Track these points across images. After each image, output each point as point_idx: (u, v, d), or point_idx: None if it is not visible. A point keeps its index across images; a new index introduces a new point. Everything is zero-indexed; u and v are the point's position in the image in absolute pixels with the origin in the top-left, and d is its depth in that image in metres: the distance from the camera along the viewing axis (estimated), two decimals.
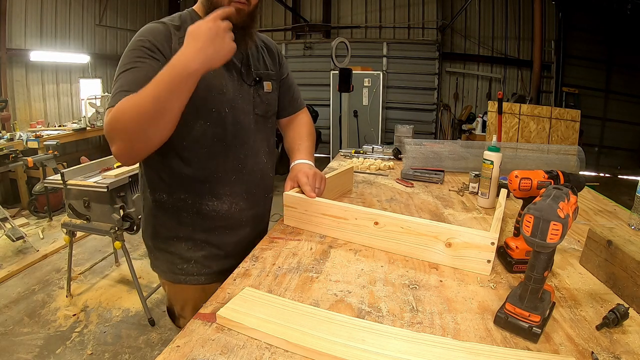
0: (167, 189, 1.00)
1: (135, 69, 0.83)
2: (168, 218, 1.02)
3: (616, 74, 6.09)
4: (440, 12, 6.56)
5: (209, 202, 1.01)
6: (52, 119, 5.33)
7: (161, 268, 1.08)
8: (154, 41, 0.87)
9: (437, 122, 6.91)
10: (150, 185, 1.03)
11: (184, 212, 1.01)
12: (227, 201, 1.03)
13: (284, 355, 0.56)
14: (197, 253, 1.04)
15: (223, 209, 1.03)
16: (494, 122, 3.85)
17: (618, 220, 1.16)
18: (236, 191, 1.04)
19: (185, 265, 1.04)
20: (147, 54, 0.85)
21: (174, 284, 1.07)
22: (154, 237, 1.07)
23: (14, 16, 4.69)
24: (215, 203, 1.02)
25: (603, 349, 0.57)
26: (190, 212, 1.01)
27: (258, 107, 1.07)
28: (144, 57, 0.85)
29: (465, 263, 0.82)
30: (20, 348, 2.07)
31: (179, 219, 1.02)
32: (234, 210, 1.04)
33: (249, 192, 1.07)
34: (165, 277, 1.08)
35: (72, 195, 2.27)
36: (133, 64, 0.84)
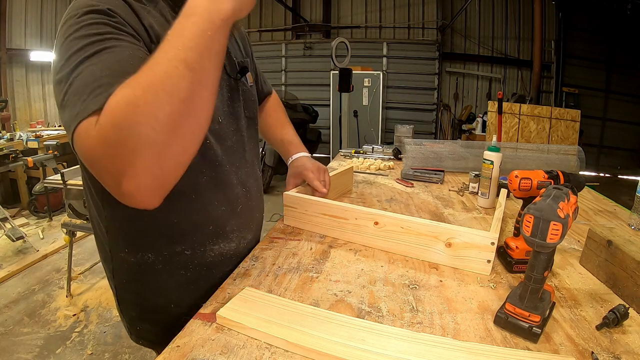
0: (155, 244, 0.73)
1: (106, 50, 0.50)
2: (160, 282, 0.77)
3: (616, 74, 6.10)
4: (440, 12, 6.56)
5: (214, 246, 0.78)
6: (52, 119, 5.34)
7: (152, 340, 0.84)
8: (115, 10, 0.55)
9: (437, 122, 6.91)
10: (125, 243, 0.74)
11: (182, 269, 0.77)
12: (234, 238, 0.82)
13: (284, 355, 0.56)
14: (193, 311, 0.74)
15: (231, 249, 0.82)
16: (494, 122, 3.85)
17: (618, 220, 1.16)
18: (244, 224, 0.83)
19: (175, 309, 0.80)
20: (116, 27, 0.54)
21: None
22: (141, 307, 0.81)
23: (14, 16, 4.69)
24: (222, 245, 0.79)
25: (603, 349, 0.57)
26: (190, 266, 0.77)
27: (247, 107, 0.85)
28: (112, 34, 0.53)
29: (465, 263, 0.82)
30: (20, 348, 2.07)
31: (176, 279, 0.77)
32: (241, 245, 0.84)
33: (254, 218, 0.89)
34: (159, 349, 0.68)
35: (72, 195, 2.27)
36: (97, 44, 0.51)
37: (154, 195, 0.48)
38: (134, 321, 0.83)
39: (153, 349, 0.86)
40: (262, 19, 7.30)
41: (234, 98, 0.80)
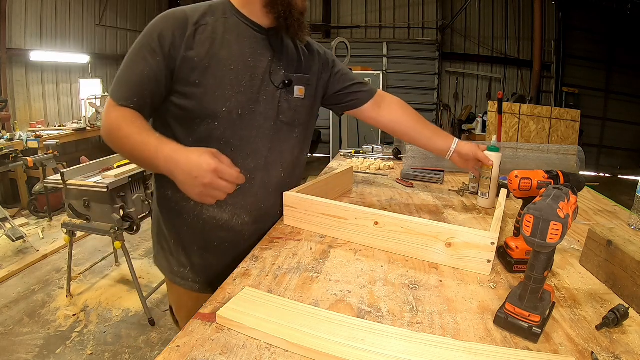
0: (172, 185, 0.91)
1: (134, 65, 0.85)
2: (171, 217, 0.99)
3: (616, 74, 6.10)
4: (440, 12, 6.56)
5: (210, 207, 0.95)
6: (52, 119, 5.33)
7: (162, 265, 1.06)
8: (163, 32, 0.85)
9: (437, 122, 6.91)
10: (157, 178, 1.00)
11: (185, 214, 0.96)
12: (228, 211, 0.96)
13: (284, 355, 0.56)
14: (194, 260, 1.00)
15: (223, 219, 0.96)
16: (494, 122, 3.85)
17: (618, 220, 1.16)
18: (240, 203, 0.96)
19: (182, 269, 1.01)
20: (150, 50, 0.84)
21: (171, 284, 1.06)
22: (157, 233, 1.05)
23: (14, 16, 4.69)
24: (216, 211, 0.95)
25: (603, 349, 0.57)
26: (191, 214, 0.96)
27: (284, 113, 0.97)
28: (146, 54, 0.85)
29: (465, 263, 0.82)
30: (20, 348, 2.07)
31: (181, 220, 0.97)
32: (235, 222, 0.97)
33: (256, 206, 0.99)
34: (164, 274, 1.07)
35: (72, 195, 2.27)
36: (134, 58, 0.86)
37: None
38: (155, 245, 1.07)
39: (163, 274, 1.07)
40: None
41: (268, 101, 0.94)
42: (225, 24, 0.89)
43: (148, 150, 0.79)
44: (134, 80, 0.85)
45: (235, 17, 0.90)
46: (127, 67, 0.86)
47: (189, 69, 0.85)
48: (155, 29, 0.85)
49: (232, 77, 0.88)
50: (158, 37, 0.84)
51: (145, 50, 0.85)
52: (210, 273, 1.01)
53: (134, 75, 0.85)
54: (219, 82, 0.87)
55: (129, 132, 0.82)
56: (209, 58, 0.86)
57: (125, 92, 0.85)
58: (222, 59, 0.87)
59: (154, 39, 0.84)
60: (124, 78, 0.86)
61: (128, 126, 0.82)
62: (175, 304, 1.11)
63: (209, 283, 1.01)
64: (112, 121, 0.84)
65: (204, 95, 0.87)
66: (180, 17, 0.86)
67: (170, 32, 0.84)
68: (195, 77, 0.86)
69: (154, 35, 0.85)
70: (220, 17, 0.89)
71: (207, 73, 0.86)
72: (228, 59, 0.88)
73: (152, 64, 0.84)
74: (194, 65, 0.85)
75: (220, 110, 0.88)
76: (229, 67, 0.87)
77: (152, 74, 0.84)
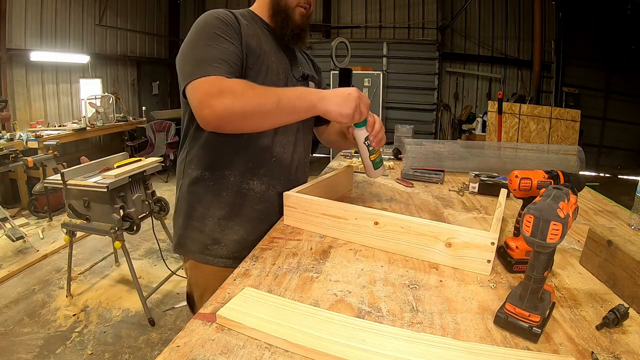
0: (213, 166, 1.03)
1: (216, 43, 0.89)
2: (207, 195, 1.05)
3: (616, 74, 6.10)
4: (440, 12, 6.56)
5: (250, 180, 1.05)
6: (52, 119, 5.33)
7: (189, 247, 1.08)
8: (227, 20, 0.93)
9: (437, 122, 6.91)
10: (194, 161, 1.05)
11: (224, 190, 1.04)
12: (265, 182, 1.06)
13: (284, 355, 0.56)
14: (229, 236, 1.05)
15: (261, 190, 1.06)
16: (494, 122, 3.86)
17: (618, 220, 1.16)
18: (275, 174, 1.08)
19: (215, 247, 1.05)
20: (224, 33, 0.91)
21: (200, 265, 1.07)
22: (188, 215, 1.07)
23: (14, 16, 4.69)
24: (255, 183, 1.05)
25: (603, 349, 0.57)
26: (230, 190, 1.04)
27: None
28: (221, 37, 0.90)
29: (465, 263, 0.82)
30: (20, 348, 2.08)
31: (219, 198, 1.04)
32: (270, 193, 1.08)
33: (287, 178, 1.11)
34: (193, 257, 1.08)
35: (72, 195, 2.27)
36: (212, 38, 0.89)
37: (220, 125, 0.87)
38: (181, 229, 1.09)
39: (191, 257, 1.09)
40: None
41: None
42: (257, 25, 1.04)
43: (300, 98, 0.89)
44: (226, 56, 0.89)
45: (260, 23, 1.06)
46: (210, 50, 0.88)
47: (247, 55, 0.96)
48: (216, 20, 0.92)
49: (273, 67, 1.03)
50: (224, 24, 0.92)
51: (221, 33, 0.90)
52: (244, 247, 1.00)
53: (222, 53, 0.88)
54: (266, 68, 1.01)
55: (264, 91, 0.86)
56: (259, 48, 0.99)
57: (225, 67, 0.88)
58: (267, 51, 1.02)
59: (222, 25, 0.91)
60: (214, 57, 0.87)
61: (253, 88, 0.86)
62: (200, 289, 1.09)
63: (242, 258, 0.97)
64: (238, 83, 0.86)
65: (257, 78, 0.97)
66: (229, 13, 0.97)
67: (230, 21, 0.94)
68: (251, 62, 0.97)
69: (218, 23, 0.92)
70: (251, 21, 1.03)
71: (259, 60, 0.99)
72: (270, 52, 1.03)
73: (234, 44, 0.92)
74: (250, 52, 0.97)
75: None
76: (270, 59, 1.02)
77: (237, 53, 0.92)
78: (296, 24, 1.05)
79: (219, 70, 0.86)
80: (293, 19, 1.05)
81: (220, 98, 0.83)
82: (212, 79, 0.84)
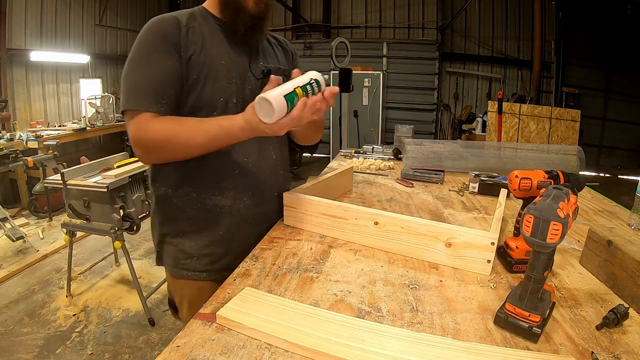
0: (173, 182, 1.01)
1: (151, 64, 0.87)
2: (174, 213, 1.02)
3: (616, 74, 6.09)
4: (440, 12, 6.56)
5: (213, 196, 1.00)
6: (52, 119, 5.33)
7: (166, 261, 1.07)
8: (165, 32, 0.89)
9: (437, 122, 6.91)
10: (157, 179, 1.03)
11: (189, 207, 1.01)
12: (230, 196, 1.01)
13: (284, 355, 0.56)
14: (201, 250, 1.02)
15: (226, 205, 1.01)
16: (494, 122, 3.85)
17: (618, 220, 1.16)
18: (240, 186, 1.02)
19: (188, 261, 1.03)
20: (162, 51, 0.87)
21: (176, 279, 1.06)
22: (161, 230, 1.07)
23: (14, 16, 4.69)
24: (218, 198, 1.00)
25: (603, 349, 0.57)
26: (194, 207, 1.00)
27: None
28: (159, 56, 0.87)
29: (465, 263, 0.82)
30: (20, 348, 2.07)
31: (185, 214, 1.01)
32: (238, 206, 1.02)
33: (256, 188, 1.04)
34: (169, 270, 1.07)
35: (72, 195, 2.26)
36: (146, 62, 0.87)
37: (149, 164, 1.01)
38: (158, 243, 1.08)
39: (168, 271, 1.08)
40: None
41: (253, 92, 1.00)
42: (207, 26, 0.97)
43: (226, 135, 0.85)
44: (156, 82, 0.87)
45: (213, 21, 0.98)
46: (142, 74, 0.87)
47: (190, 67, 0.91)
48: (156, 32, 0.88)
49: (224, 71, 0.96)
50: (163, 38, 0.88)
51: (156, 52, 0.87)
52: (217, 260, 1.03)
53: (155, 77, 0.87)
54: (214, 75, 0.94)
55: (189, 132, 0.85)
56: (203, 55, 0.93)
57: (152, 97, 0.86)
58: (214, 55, 0.95)
59: (161, 40, 0.88)
60: (144, 84, 0.87)
61: (181, 127, 0.85)
62: (178, 296, 1.11)
63: (217, 270, 1.02)
64: (160, 131, 0.85)
65: (204, 88, 0.93)
66: (172, 20, 0.91)
67: (173, 34, 0.89)
68: (195, 73, 0.92)
69: (157, 37, 0.88)
70: (202, 21, 0.97)
71: (204, 68, 0.93)
72: (218, 55, 0.95)
73: (169, 63, 0.88)
74: (193, 63, 0.91)
75: (218, 100, 0.95)
76: (220, 62, 0.95)
77: (173, 72, 0.88)
78: (250, 14, 0.94)
79: (147, 104, 0.85)
80: (246, 9, 0.94)
81: (139, 150, 0.88)
82: (138, 122, 0.86)
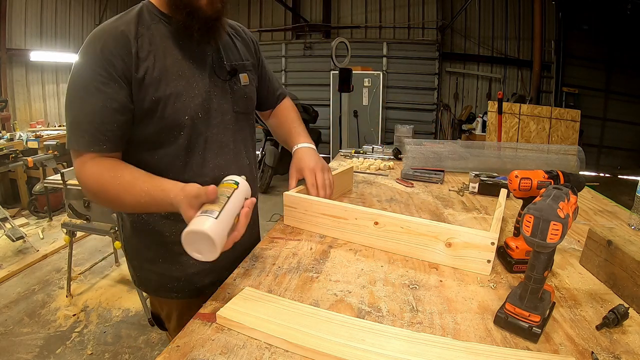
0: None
1: (89, 97, 0.77)
2: (151, 239, 0.95)
3: (616, 74, 6.09)
4: (440, 12, 6.56)
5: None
6: (52, 119, 5.34)
7: (150, 287, 1.01)
8: (107, 55, 0.77)
9: (437, 122, 6.91)
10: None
11: (167, 231, 0.93)
12: None
13: (284, 355, 0.56)
14: (187, 271, 0.96)
15: None
16: (494, 122, 3.85)
17: (618, 220, 1.16)
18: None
19: (176, 283, 0.96)
20: (101, 81, 0.77)
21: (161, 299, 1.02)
22: (139, 258, 0.99)
23: (14, 16, 4.69)
24: None
25: (603, 349, 0.57)
26: (172, 229, 0.92)
27: (237, 103, 0.97)
28: (98, 86, 0.77)
29: (465, 263, 0.82)
30: (20, 348, 2.07)
31: (163, 239, 0.93)
32: None
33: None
34: (155, 294, 1.01)
35: (72, 195, 2.27)
36: (84, 95, 0.78)
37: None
38: (138, 270, 1.01)
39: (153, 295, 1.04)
40: (262, 19, 7.30)
41: (220, 96, 0.93)
42: (158, 30, 0.84)
43: (156, 207, 0.75)
44: (94, 118, 0.77)
45: (163, 22, 0.85)
46: (80, 108, 0.78)
47: (144, 88, 0.80)
48: (97, 56, 0.77)
49: (184, 83, 0.85)
50: (105, 64, 0.76)
51: (96, 82, 0.76)
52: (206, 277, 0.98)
53: (93, 113, 0.77)
54: (174, 91, 0.83)
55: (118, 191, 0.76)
56: (157, 70, 0.81)
57: (91, 135, 0.77)
58: (170, 67, 0.83)
59: (100, 67, 0.76)
60: (82, 120, 0.77)
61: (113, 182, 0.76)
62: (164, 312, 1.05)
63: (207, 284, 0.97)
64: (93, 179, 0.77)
65: (165, 109, 0.82)
66: (118, 35, 0.79)
67: (118, 55, 0.77)
68: (151, 94, 0.81)
69: (96, 63, 0.77)
70: (151, 25, 0.84)
71: (160, 86, 0.82)
72: (174, 66, 0.84)
73: (109, 93, 0.77)
74: (148, 82, 0.80)
75: (183, 119, 0.85)
76: (177, 74, 0.84)
77: (114, 104, 0.77)
78: (205, 15, 0.81)
79: (87, 144, 0.77)
80: (199, 10, 0.80)
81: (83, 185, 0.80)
82: (78, 162, 0.79)
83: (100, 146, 0.78)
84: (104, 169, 0.78)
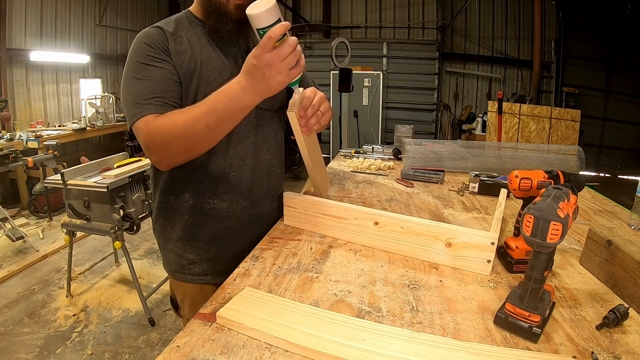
0: (172, 190, 1.02)
1: (148, 73, 0.87)
2: (174, 220, 1.03)
3: (616, 74, 6.09)
4: (440, 12, 6.56)
5: (210, 200, 1.01)
6: (52, 119, 5.33)
7: (168, 266, 1.09)
8: (155, 42, 0.89)
9: (437, 122, 6.91)
10: (158, 186, 1.05)
11: (187, 214, 1.01)
12: (227, 199, 1.02)
13: (284, 355, 0.56)
14: (204, 255, 1.04)
15: (223, 208, 1.02)
16: (494, 122, 3.85)
17: (618, 220, 1.16)
18: (236, 189, 1.02)
19: (192, 266, 1.04)
20: (154, 59, 0.88)
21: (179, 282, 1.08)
22: (163, 237, 1.08)
23: (14, 16, 4.68)
24: (215, 202, 1.01)
25: (603, 349, 0.57)
26: (193, 212, 1.01)
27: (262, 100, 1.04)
28: (153, 63, 0.87)
29: (465, 263, 0.82)
30: (20, 348, 2.07)
31: (184, 221, 1.02)
32: (235, 208, 1.03)
33: (251, 190, 1.05)
34: (174, 276, 1.08)
35: (72, 195, 2.27)
36: (143, 68, 0.87)
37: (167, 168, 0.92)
38: (162, 249, 1.10)
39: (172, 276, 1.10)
40: None
41: None
42: (194, 32, 0.96)
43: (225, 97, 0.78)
44: (158, 87, 0.86)
45: (199, 26, 0.98)
46: (141, 84, 0.86)
47: (181, 76, 0.91)
48: (146, 44, 0.89)
49: (216, 75, 0.95)
50: (153, 47, 0.88)
51: (149, 61, 0.87)
52: (220, 263, 1.04)
53: (155, 83, 0.86)
54: (206, 81, 0.93)
55: (190, 110, 0.80)
56: (194, 62, 0.93)
57: (157, 100, 0.85)
58: (205, 61, 0.94)
59: (151, 50, 0.88)
60: (146, 92, 0.85)
61: (182, 111, 0.81)
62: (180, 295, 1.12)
63: (221, 272, 1.03)
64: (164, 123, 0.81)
65: (196, 95, 0.92)
66: (157, 32, 0.92)
67: (159, 43, 0.90)
68: (186, 82, 0.92)
69: (147, 48, 0.88)
70: (189, 27, 0.96)
71: (194, 76, 0.92)
72: (209, 60, 0.95)
73: (167, 67, 0.88)
74: (184, 71, 0.91)
75: None
76: (212, 67, 0.95)
77: (174, 77, 0.89)
78: (234, 19, 0.92)
79: (147, 109, 0.83)
80: (229, 15, 0.92)
81: (153, 154, 0.86)
82: (142, 126, 0.83)
83: (166, 108, 0.85)
84: (170, 114, 0.83)
